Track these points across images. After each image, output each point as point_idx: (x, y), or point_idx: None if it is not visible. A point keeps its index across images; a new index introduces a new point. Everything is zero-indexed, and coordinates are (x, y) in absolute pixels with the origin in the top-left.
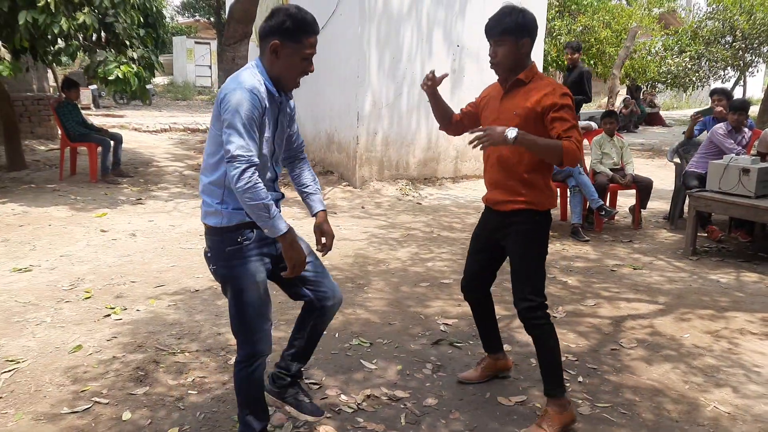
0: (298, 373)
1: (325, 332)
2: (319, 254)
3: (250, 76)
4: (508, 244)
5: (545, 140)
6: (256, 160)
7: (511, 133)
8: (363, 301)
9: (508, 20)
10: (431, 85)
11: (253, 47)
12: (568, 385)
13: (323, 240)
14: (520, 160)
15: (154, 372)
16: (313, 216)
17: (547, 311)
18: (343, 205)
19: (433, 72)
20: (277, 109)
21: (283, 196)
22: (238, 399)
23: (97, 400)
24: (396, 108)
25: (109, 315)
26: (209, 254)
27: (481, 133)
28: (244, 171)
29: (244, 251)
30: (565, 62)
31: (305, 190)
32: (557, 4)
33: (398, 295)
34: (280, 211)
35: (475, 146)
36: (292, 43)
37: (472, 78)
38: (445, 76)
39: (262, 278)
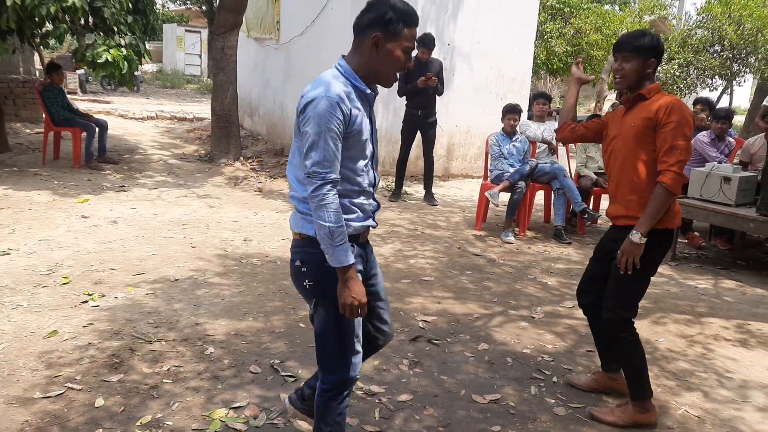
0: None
1: (302, 324)
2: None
3: (335, 81)
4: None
5: (651, 205)
6: (334, 176)
7: (635, 237)
8: None
9: (643, 40)
10: (577, 74)
11: (243, 37)
12: (542, 384)
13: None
14: (639, 172)
15: (130, 359)
16: None
17: (633, 325)
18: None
19: (581, 59)
20: (369, 106)
21: (378, 206)
22: (319, 426)
23: (71, 385)
24: (387, 104)
25: (86, 301)
26: (304, 269)
27: (623, 260)
28: (319, 187)
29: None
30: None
31: None
32: (550, 6)
33: None
34: (374, 223)
35: (624, 268)
36: (395, 35)
37: (463, 77)
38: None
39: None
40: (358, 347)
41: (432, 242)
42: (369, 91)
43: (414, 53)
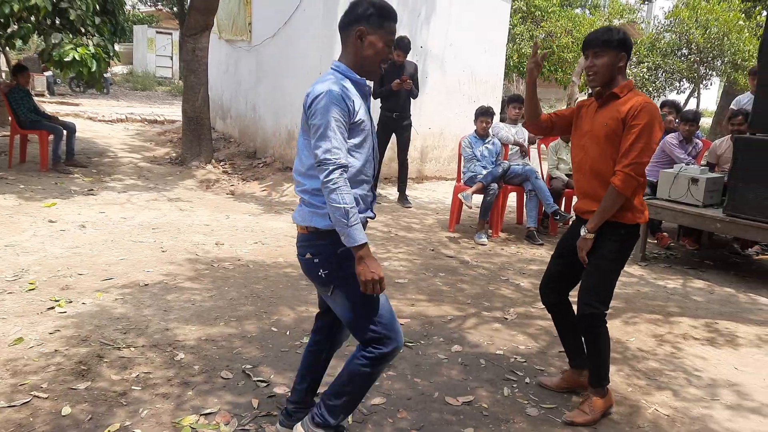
0: (312, 401)
1: (275, 328)
2: None
3: (334, 80)
4: (592, 252)
5: (602, 203)
6: (345, 161)
7: (582, 231)
8: (316, 299)
9: (610, 35)
10: (535, 64)
11: (215, 39)
12: (515, 385)
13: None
14: (610, 172)
15: (97, 366)
16: None
17: (605, 319)
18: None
19: (535, 45)
20: (366, 99)
21: (375, 198)
22: (345, 389)
23: (36, 393)
24: None
25: (53, 307)
26: (317, 260)
27: (582, 253)
28: (331, 172)
29: (351, 255)
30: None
31: None
32: (521, 10)
33: None
34: (372, 214)
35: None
36: (377, 28)
37: (436, 80)
38: (545, 54)
39: None
40: (390, 315)
41: (406, 244)
42: (363, 81)
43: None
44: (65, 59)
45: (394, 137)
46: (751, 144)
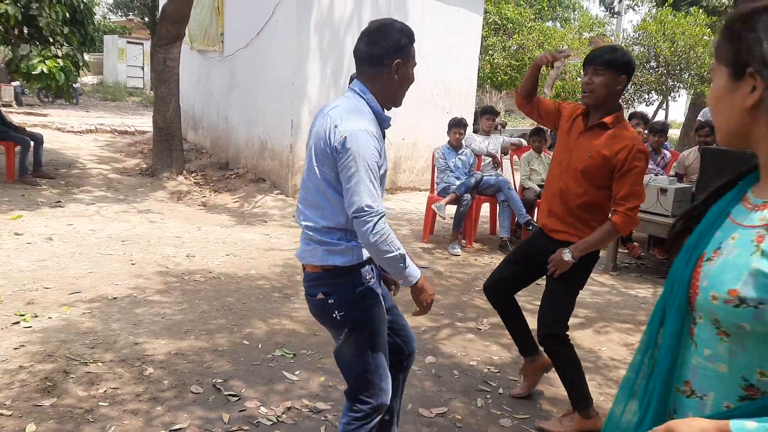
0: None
1: (246, 341)
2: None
3: (365, 114)
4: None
5: (596, 235)
6: (384, 209)
7: (567, 257)
8: (289, 312)
9: (615, 55)
10: (552, 57)
11: (186, 49)
12: (488, 396)
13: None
14: (578, 197)
15: (64, 383)
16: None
17: (568, 338)
18: (275, 214)
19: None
20: (383, 136)
21: None
22: None
23: (0, 411)
24: None
25: (18, 322)
26: (331, 300)
27: (551, 269)
28: (376, 224)
29: (374, 290)
30: None
31: None
32: (493, 22)
33: None
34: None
35: (551, 273)
36: (409, 56)
37: (409, 91)
38: (567, 55)
39: (384, 320)
40: (389, 371)
41: None
42: (389, 123)
43: None
44: (33, 72)
45: None
46: (718, 155)
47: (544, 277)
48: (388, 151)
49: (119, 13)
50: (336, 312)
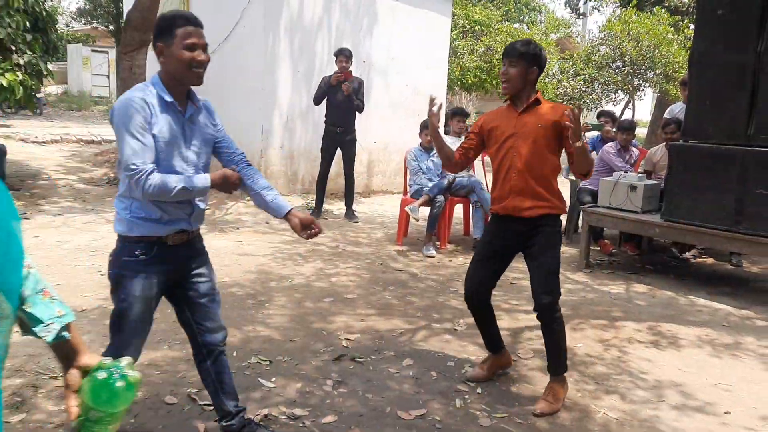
0: (240, 410)
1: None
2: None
3: (140, 87)
4: (532, 246)
5: (586, 154)
6: (151, 165)
7: (579, 143)
8: (264, 318)
9: (527, 48)
10: (434, 123)
11: (152, 56)
12: (467, 396)
13: (312, 229)
14: (544, 166)
15: (33, 398)
16: (284, 217)
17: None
18: (247, 220)
19: (431, 103)
20: (178, 116)
21: (195, 211)
22: None
23: None
24: (305, 122)
25: None
26: (111, 258)
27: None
28: (146, 180)
29: (137, 265)
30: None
31: (265, 194)
32: (462, 25)
33: (301, 310)
34: (188, 227)
35: (570, 122)
36: (171, 39)
37: (380, 93)
38: (439, 107)
39: (149, 296)
40: (136, 338)
41: (354, 259)
42: (171, 99)
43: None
44: None
45: (339, 152)
46: (685, 151)
47: (524, 260)
48: (360, 154)
49: (83, 22)
50: (108, 269)
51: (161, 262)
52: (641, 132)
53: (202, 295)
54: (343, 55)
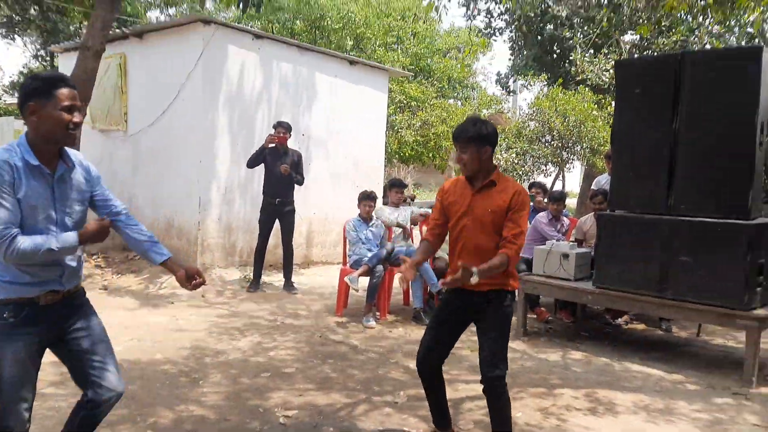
0: None
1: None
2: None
3: (9, 147)
4: (484, 319)
5: (493, 263)
6: (15, 230)
7: (474, 279)
8: (198, 397)
9: (473, 130)
10: (409, 278)
11: (88, 129)
12: None
13: (196, 279)
14: (491, 248)
15: None
16: (162, 264)
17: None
18: (182, 294)
19: (404, 266)
20: (46, 178)
21: (65, 272)
22: None
23: None
24: (244, 193)
25: None
26: None
27: (453, 280)
28: (8, 244)
29: (6, 328)
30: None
31: (144, 241)
32: (399, 101)
33: (237, 387)
34: (59, 287)
35: (448, 286)
36: (47, 99)
37: (320, 165)
38: (417, 263)
39: (20, 358)
40: (19, 405)
41: (293, 332)
42: (36, 162)
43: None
44: None
45: (278, 223)
46: (612, 221)
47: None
48: (299, 225)
49: (14, 95)
50: None
51: (33, 324)
52: (571, 202)
53: (85, 350)
54: (282, 127)
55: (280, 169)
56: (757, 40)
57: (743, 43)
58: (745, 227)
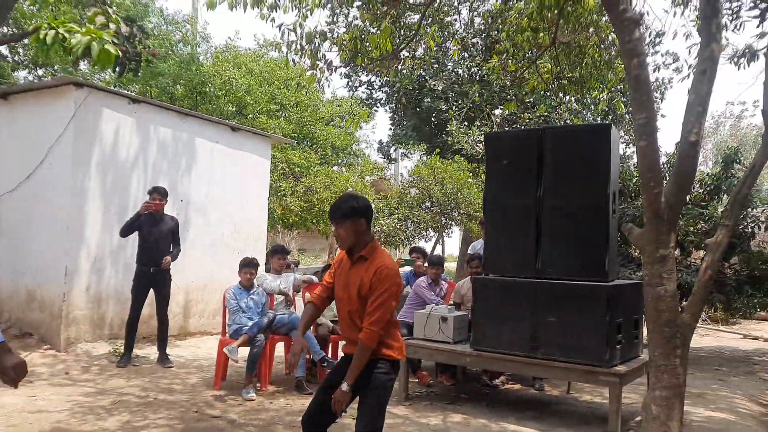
0: None
1: None
2: None
3: None
4: (364, 387)
5: (354, 363)
6: None
7: (344, 387)
8: None
9: (345, 206)
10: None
11: None
12: None
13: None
14: (363, 318)
15: None
16: None
17: None
18: (43, 372)
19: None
20: None
21: None
22: None
23: None
24: (116, 261)
25: None
26: None
27: (335, 406)
28: None
29: None
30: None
31: None
32: (282, 167)
33: None
34: None
35: (339, 412)
36: None
37: (199, 232)
38: (302, 331)
39: None
40: None
41: (166, 408)
42: None
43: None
44: None
45: (152, 293)
46: (486, 284)
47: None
48: (175, 294)
49: None
50: None
51: None
52: (451, 266)
53: None
54: (158, 193)
55: (162, 262)
56: (610, 117)
57: (599, 119)
58: (603, 288)
